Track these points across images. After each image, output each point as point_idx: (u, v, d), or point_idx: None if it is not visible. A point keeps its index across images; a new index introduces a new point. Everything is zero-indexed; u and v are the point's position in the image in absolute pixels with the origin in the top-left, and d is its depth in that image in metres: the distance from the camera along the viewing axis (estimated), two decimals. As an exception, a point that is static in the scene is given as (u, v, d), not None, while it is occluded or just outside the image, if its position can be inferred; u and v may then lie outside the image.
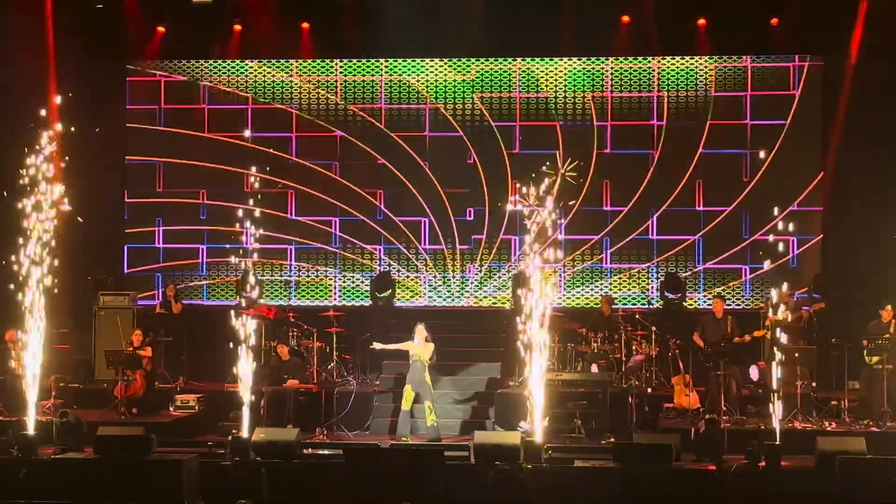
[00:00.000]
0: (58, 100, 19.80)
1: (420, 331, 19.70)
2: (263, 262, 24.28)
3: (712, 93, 24.34)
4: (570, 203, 23.03)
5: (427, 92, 24.90)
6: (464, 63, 24.88)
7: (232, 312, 18.50)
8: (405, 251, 24.72)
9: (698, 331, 20.27)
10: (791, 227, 22.35)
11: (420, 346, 19.64)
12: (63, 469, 16.95)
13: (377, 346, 20.17)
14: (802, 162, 24.04)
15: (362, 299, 24.59)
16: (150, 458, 16.86)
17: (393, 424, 19.99)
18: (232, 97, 25.11)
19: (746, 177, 24.15)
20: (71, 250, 20.52)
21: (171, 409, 20.60)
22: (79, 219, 20.11)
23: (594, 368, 20.88)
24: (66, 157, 19.08)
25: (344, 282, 24.85)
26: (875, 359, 19.25)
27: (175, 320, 22.85)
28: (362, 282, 24.68)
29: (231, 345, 18.16)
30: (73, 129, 19.26)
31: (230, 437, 17.74)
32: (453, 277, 24.72)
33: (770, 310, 19.54)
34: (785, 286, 19.86)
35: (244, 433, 17.66)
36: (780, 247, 22.53)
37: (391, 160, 24.81)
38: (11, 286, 18.55)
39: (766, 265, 21.47)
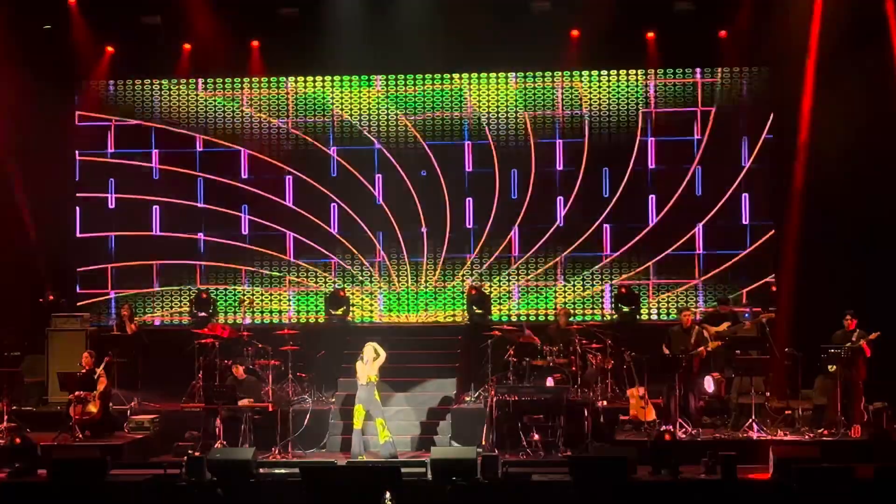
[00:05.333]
0: None
1: (367, 349, 19.62)
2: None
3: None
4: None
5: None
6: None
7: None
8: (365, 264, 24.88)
9: (664, 342, 20.23)
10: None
11: (365, 367, 19.53)
12: (17, 493, 16.76)
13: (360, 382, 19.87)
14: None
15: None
16: (105, 481, 16.69)
17: (347, 442, 19.89)
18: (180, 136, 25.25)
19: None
20: (22, 273, 20.37)
21: (125, 430, 20.45)
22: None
23: (550, 382, 20.87)
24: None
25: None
26: (832, 367, 19.31)
27: (129, 341, 22.69)
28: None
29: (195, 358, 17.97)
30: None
31: (186, 458, 17.62)
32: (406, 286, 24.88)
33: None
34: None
35: (200, 453, 17.55)
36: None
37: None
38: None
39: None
